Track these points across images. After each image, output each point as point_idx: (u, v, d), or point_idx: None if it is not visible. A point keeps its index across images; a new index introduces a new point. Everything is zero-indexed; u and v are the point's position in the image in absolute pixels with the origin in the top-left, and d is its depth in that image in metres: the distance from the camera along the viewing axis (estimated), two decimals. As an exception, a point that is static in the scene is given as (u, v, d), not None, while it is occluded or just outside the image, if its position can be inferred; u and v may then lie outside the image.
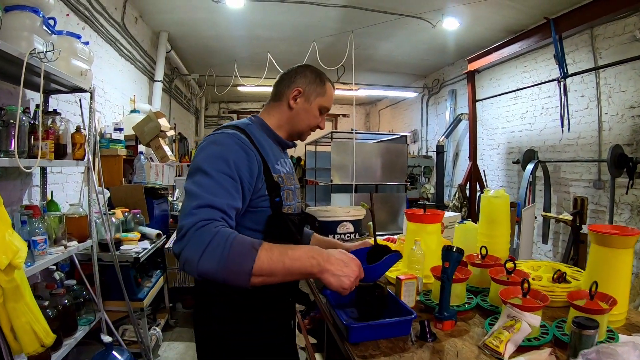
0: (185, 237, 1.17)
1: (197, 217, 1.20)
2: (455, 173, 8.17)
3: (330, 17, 5.72)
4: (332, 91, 1.74)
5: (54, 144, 2.49)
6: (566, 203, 5.34)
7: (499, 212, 2.16)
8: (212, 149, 1.40)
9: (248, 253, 1.17)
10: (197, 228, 1.18)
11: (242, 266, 1.16)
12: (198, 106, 10.81)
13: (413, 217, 2.07)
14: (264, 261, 1.18)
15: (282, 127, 1.68)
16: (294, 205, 1.63)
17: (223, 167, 1.34)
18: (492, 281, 1.74)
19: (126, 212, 3.66)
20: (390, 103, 11.54)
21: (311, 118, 1.69)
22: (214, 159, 1.36)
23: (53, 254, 2.51)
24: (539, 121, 5.84)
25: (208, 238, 1.16)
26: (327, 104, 1.72)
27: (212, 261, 1.14)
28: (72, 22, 3.70)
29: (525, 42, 4.92)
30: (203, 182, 1.30)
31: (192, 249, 1.16)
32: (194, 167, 1.37)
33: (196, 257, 1.14)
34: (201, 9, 5.49)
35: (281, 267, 1.20)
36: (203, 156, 1.38)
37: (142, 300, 3.28)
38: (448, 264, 1.50)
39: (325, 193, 7.41)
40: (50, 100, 3.16)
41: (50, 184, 3.30)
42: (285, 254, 1.21)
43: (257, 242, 1.20)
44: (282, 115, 1.67)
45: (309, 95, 1.66)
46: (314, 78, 1.68)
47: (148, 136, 4.29)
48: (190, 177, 1.35)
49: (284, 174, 1.60)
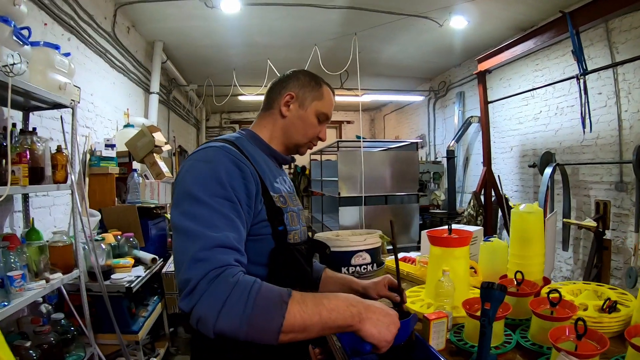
0: (195, 292, 0.97)
1: (206, 264, 0.99)
2: (467, 178, 7.88)
3: (332, 20, 5.47)
4: (330, 96, 1.51)
5: (28, 167, 2.23)
6: (586, 207, 5.05)
7: (532, 229, 1.88)
8: (200, 167, 1.16)
9: (276, 307, 0.98)
10: (209, 280, 0.97)
11: (270, 323, 0.97)
12: (199, 117, 10.57)
13: (437, 241, 1.78)
14: (296, 316, 0.99)
15: (275, 138, 1.46)
16: (299, 230, 1.38)
17: (217, 190, 1.11)
18: (535, 316, 1.46)
19: (118, 235, 3.40)
20: (396, 108, 11.26)
21: (308, 127, 1.46)
22: (205, 180, 1.13)
23: (33, 289, 2.26)
24: (554, 122, 5.55)
25: (226, 292, 0.96)
26: (326, 110, 1.48)
27: (233, 319, 0.95)
28: (56, 32, 3.46)
29: (539, 39, 4.63)
30: (198, 212, 1.08)
31: (207, 305, 0.96)
32: (181, 192, 1.13)
33: (213, 316, 0.95)
34: (196, 17, 5.25)
35: (317, 321, 1.01)
36: (191, 178, 1.14)
37: (137, 332, 3.01)
38: (489, 305, 1.22)
39: (332, 204, 7.12)
40: (31, 118, 2.91)
41: (35, 207, 3.07)
42: (320, 305, 1.03)
43: (286, 293, 1.01)
44: (274, 125, 1.45)
45: (303, 99, 1.44)
46: (308, 81, 1.47)
47: (142, 152, 4.04)
48: (178, 206, 1.12)
49: (285, 194, 1.35)
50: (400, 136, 10.84)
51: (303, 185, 12.22)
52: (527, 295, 1.63)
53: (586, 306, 1.58)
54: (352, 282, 1.61)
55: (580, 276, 4.96)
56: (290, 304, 0.99)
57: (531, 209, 1.89)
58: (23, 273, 2.18)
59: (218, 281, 0.97)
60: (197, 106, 9.51)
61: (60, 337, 2.55)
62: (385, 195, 5.99)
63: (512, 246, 1.93)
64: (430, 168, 8.28)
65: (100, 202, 3.74)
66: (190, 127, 9.61)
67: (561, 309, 1.43)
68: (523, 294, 1.64)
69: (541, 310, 1.45)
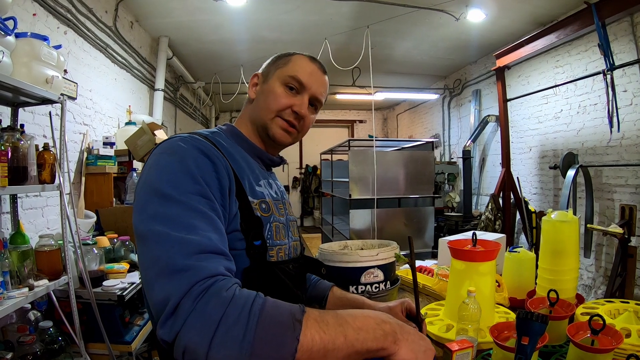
0: (177, 314, 0.74)
1: (188, 276, 0.77)
2: (483, 180, 7.63)
3: (343, 13, 5.27)
4: (304, 60, 1.24)
5: (7, 167, 2.05)
6: (610, 212, 4.79)
7: (566, 240, 1.65)
8: (165, 160, 0.95)
9: (287, 328, 0.74)
10: (195, 296, 0.74)
11: (280, 350, 0.73)
12: (207, 115, 10.41)
13: (460, 254, 1.55)
14: (314, 338, 0.75)
15: (251, 131, 1.24)
16: (287, 246, 1.14)
17: (189, 185, 0.90)
18: (573, 344, 1.23)
19: (114, 238, 3.22)
20: (409, 107, 11.03)
21: (270, 98, 1.19)
22: (173, 174, 0.91)
23: (15, 297, 2.11)
24: (576, 121, 5.28)
25: (219, 311, 0.73)
26: (293, 72, 1.20)
27: (231, 348, 0.71)
28: (51, 25, 3.29)
29: (562, 32, 4.40)
30: (169, 212, 0.85)
31: (195, 331, 0.72)
32: (145, 192, 0.91)
33: (204, 345, 0.71)
34: (201, 10, 5.08)
35: (341, 344, 0.77)
36: (156, 174, 0.92)
37: (130, 343, 2.81)
38: (527, 340, 1.00)
39: (343, 206, 6.92)
40: (23, 115, 2.75)
41: (27, 209, 2.93)
42: (344, 323, 0.80)
43: (299, 310, 0.78)
44: (245, 114, 1.27)
45: (267, 74, 1.23)
46: (278, 58, 1.26)
47: (142, 151, 3.86)
48: (143, 209, 0.89)
49: (269, 199, 1.12)
50: (414, 135, 10.64)
51: (314, 185, 12.05)
52: (562, 319, 1.41)
53: (628, 331, 1.35)
54: (364, 304, 1.35)
55: (603, 284, 4.73)
56: (305, 323, 0.76)
57: (565, 218, 1.65)
58: (2, 280, 2.03)
59: (207, 297, 0.74)
60: (205, 103, 9.34)
61: (46, 347, 2.38)
62: (399, 198, 5.75)
63: (543, 259, 1.70)
64: (445, 169, 8.04)
65: (97, 202, 3.58)
66: (198, 125, 9.45)
67: (604, 338, 1.20)
68: (558, 317, 1.41)
69: (581, 338, 1.22)
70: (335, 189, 6.85)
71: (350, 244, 1.88)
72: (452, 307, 1.51)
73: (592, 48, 4.78)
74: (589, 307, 1.54)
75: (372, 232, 5.25)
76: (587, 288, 5.04)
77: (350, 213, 5.41)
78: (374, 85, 6.04)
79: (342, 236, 6.09)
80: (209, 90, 8.35)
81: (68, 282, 2.51)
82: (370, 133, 11.66)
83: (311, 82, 1.22)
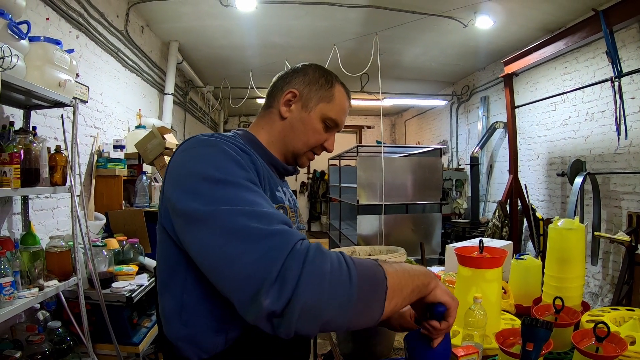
0: (285, 278, 0.72)
1: (284, 239, 0.77)
2: (490, 187, 7.60)
3: (352, 19, 5.29)
4: (343, 98, 1.24)
5: (19, 168, 2.08)
6: (617, 219, 4.76)
7: (573, 248, 1.66)
8: (206, 150, 0.94)
9: (375, 270, 0.82)
10: (300, 256, 0.75)
11: (377, 291, 0.80)
12: (216, 120, 10.45)
13: (467, 261, 1.56)
14: (392, 276, 0.84)
15: (273, 144, 1.21)
16: None
17: (238, 170, 0.91)
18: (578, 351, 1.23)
19: (123, 240, 3.25)
20: (417, 113, 11.02)
21: (310, 133, 1.20)
22: (220, 161, 0.91)
23: (25, 297, 2.13)
24: (584, 128, 5.27)
25: (326, 265, 0.76)
26: (335, 115, 1.21)
27: (342, 294, 0.75)
28: (63, 29, 3.33)
29: (570, 39, 4.40)
30: (230, 194, 0.84)
31: (311, 288, 0.73)
32: (195, 179, 0.88)
33: (321, 299, 0.73)
34: (211, 16, 5.12)
35: (408, 279, 0.88)
36: (201, 162, 0.91)
37: (138, 344, 2.84)
38: (532, 346, 1.01)
39: (350, 211, 6.92)
40: (35, 117, 2.79)
41: (37, 210, 2.96)
42: (402, 265, 0.91)
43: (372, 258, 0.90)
44: (272, 127, 1.22)
45: (308, 99, 1.19)
46: (317, 77, 1.21)
47: (152, 154, 3.89)
48: (197, 194, 0.85)
49: (287, 206, 1.13)
50: (421, 142, 10.61)
51: (322, 190, 12.05)
52: (567, 326, 1.42)
53: (633, 339, 1.35)
54: None
55: (610, 292, 4.70)
56: (383, 265, 0.85)
57: (571, 225, 1.66)
58: (12, 281, 2.05)
59: (313, 253, 0.76)
60: (214, 108, 9.38)
61: (55, 347, 2.41)
62: (406, 204, 5.75)
63: (549, 267, 1.71)
64: (452, 175, 8.03)
65: (107, 205, 3.62)
66: (207, 129, 9.49)
67: (608, 345, 1.20)
68: (563, 324, 1.42)
69: (585, 345, 1.23)
70: (343, 195, 6.86)
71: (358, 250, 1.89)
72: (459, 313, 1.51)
73: (600, 55, 4.76)
74: (594, 314, 1.55)
75: (379, 238, 5.25)
76: (594, 296, 5.01)
77: (358, 219, 5.41)
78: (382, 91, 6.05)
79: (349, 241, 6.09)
80: (218, 94, 8.38)
81: (77, 283, 2.54)
82: (378, 139, 11.67)
83: (344, 121, 1.26)
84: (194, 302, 0.97)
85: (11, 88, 2.07)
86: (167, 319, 1.01)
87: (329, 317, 0.74)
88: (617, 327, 1.45)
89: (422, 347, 1.03)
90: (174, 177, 0.94)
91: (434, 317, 0.98)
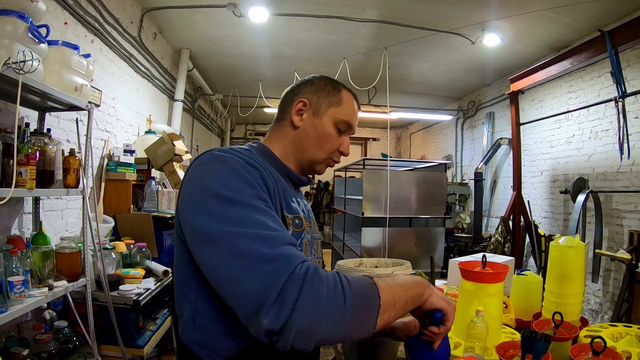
0: (284, 299, 0.79)
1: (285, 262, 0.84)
2: (493, 202, 7.63)
3: (362, 34, 5.36)
4: (351, 101, 1.29)
5: (35, 169, 2.13)
6: (618, 237, 4.78)
7: (573, 265, 1.70)
8: (218, 168, 0.99)
9: (370, 290, 0.89)
10: (298, 278, 0.82)
11: (370, 307, 0.87)
12: (223, 127, 10.53)
13: (470, 275, 1.60)
14: (386, 292, 0.91)
15: (288, 155, 1.25)
16: (311, 260, 1.18)
17: (246, 188, 0.96)
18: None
19: (131, 244, 3.29)
20: (423, 126, 11.08)
21: (323, 137, 1.23)
22: (230, 179, 0.96)
23: (35, 296, 2.17)
24: (587, 146, 5.31)
25: (322, 288, 0.83)
26: (346, 117, 1.26)
27: (336, 315, 0.82)
28: (79, 33, 3.40)
29: (575, 59, 4.45)
30: (237, 213, 0.90)
31: (308, 310, 0.80)
32: (206, 197, 0.94)
33: (316, 320, 0.80)
34: (223, 25, 5.20)
35: (401, 293, 0.94)
36: (212, 179, 0.96)
37: (142, 347, 2.87)
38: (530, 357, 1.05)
39: (355, 223, 6.92)
40: (48, 119, 2.84)
41: (47, 210, 3.00)
42: (395, 279, 0.97)
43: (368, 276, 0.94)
44: (285, 138, 1.26)
45: (318, 106, 1.23)
46: (324, 85, 1.26)
47: (161, 160, 3.96)
48: (206, 212, 0.92)
49: (302, 216, 1.17)
50: (426, 156, 10.64)
51: (326, 201, 12.07)
52: (566, 340, 1.46)
53: (629, 354, 1.39)
54: None
55: (610, 310, 4.71)
56: (377, 283, 0.92)
57: (572, 243, 1.70)
58: (24, 279, 2.09)
59: (311, 277, 0.83)
60: (222, 116, 9.46)
61: (60, 347, 2.44)
62: (410, 217, 5.78)
63: (549, 283, 1.75)
64: (456, 190, 8.06)
65: (115, 208, 3.66)
66: (214, 137, 9.58)
67: (604, 359, 1.25)
68: (561, 339, 1.46)
69: (582, 359, 1.27)
70: (347, 206, 6.89)
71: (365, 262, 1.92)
72: (461, 326, 1.56)
73: (606, 74, 4.80)
74: (592, 330, 1.58)
75: (382, 250, 5.26)
76: (594, 313, 5.02)
77: (363, 231, 5.43)
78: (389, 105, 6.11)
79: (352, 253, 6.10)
80: (226, 102, 8.46)
81: (86, 284, 2.58)
82: (383, 151, 11.71)
83: (356, 123, 1.30)
84: (208, 309, 1.02)
85: (29, 90, 2.12)
86: (183, 322, 1.06)
87: (323, 335, 0.81)
88: (614, 343, 1.49)
89: (423, 349, 1.09)
90: (187, 192, 1.00)
91: (433, 322, 1.04)
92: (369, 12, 4.83)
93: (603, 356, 1.24)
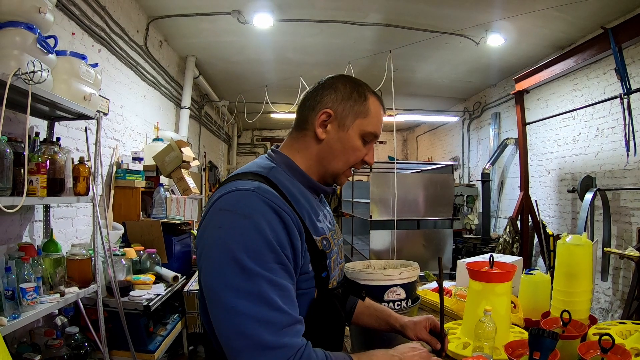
0: None
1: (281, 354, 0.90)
2: (501, 202, 7.62)
3: (366, 37, 5.39)
4: (378, 109, 1.20)
5: (46, 178, 2.16)
6: (627, 235, 4.75)
7: (580, 263, 1.69)
8: (240, 224, 0.94)
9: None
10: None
11: None
12: (230, 133, 10.58)
13: (478, 275, 1.61)
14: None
15: (311, 167, 1.18)
16: (337, 272, 1.20)
17: (268, 255, 0.93)
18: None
19: (141, 250, 3.32)
20: (429, 128, 11.08)
21: (349, 151, 1.17)
22: (251, 242, 0.93)
23: (47, 302, 2.18)
24: (594, 144, 5.29)
25: None
26: (373, 128, 1.18)
27: None
28: (86, 43, 3.45)
29: (579, 57, 4.43)
30: (251, 288, 0.91)
31: None
32: (224, 256, 0.93)
33: None
34: (228, 32, 5.24)
35: None
36: (233, 237, 0.93)
37: (153, 352, 2.90)
38: (538, 355, 1.06)
39: (362, 226, 6.94)
40: (57, 128, 2.87)
41: (58, 218, 3.03)
42: (368, 356, 1.11)
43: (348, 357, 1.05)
44: (309, 150, 1.17)
45: (344, 118, 1.15)
46: (349, 92, 1.16)
47: (169, 167, 3.99)
48: (222, 275, 0.92)
49: (328, 234, 1.15)
50: (433, 157, 10.64)
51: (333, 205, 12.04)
52: (574, 338, 1.46)
53: (638, 351, 1.40)
54: (390, 316, 1.43)
55: (620, 308, 4.69)
56: (353, 357, 1.04)
57: (579, 241, 1.70)
58: (36, 286, 2.11)
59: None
60: (229, 122, 9.50)
61: (72, 352, 2.47)
62: (418, 220, 5.78)
63: (557, 281, 1.75)
64: (463, 191, 8.04)
65: (124, 215, 3.69)
66: (221, 142, 9.61)
67: (613, 356, 1.26)
68: (570, 337, 1.46)
69: (591, 356, 1.27)
70: (355, 210, 6.89)
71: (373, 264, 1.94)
72: (469, 326, 1.56)
73: (610, 71, 4.77)
74: (601, 327, 1.59)
75: (391, 253, 5.26)
76: (604, 311, 4.99)
77: (371, 234, 5.43)
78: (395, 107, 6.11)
79: (361, 256, 6.11)
80: (232, 109, 8.50)
81: (97, 290, 2.59)
82: (390, 154, 11.69)
83: (381, 130, 1.23)
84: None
85: (38, 100, 2.15)
86: (210, 335, 1.09)
87: None
88: (622, 340, 1.49)
89: None
90: (206, 241, 0.99)
91: None
92: (373, 16, 4.85)
93: (611, 353, 1.25)
